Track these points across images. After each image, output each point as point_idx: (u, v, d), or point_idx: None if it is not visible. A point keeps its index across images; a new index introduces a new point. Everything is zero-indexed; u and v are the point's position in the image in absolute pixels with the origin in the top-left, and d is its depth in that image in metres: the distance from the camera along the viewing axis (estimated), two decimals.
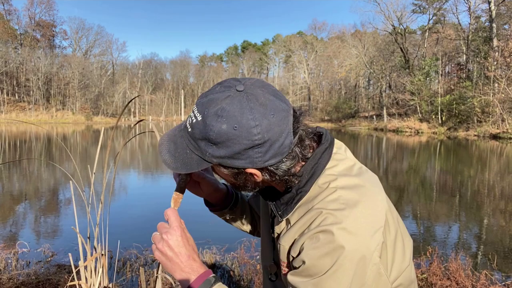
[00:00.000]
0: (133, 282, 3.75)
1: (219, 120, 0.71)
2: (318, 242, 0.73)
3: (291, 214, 0.82)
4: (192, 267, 0.80)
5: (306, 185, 0.81)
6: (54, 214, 6.75)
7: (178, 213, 0.87)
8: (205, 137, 0.73)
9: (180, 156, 0.79)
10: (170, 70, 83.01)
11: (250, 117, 0.71)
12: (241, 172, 0.78)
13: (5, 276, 3.63)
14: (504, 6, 36.42)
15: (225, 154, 0.74)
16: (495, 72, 30.87)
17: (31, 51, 60.25)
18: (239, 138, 0.71)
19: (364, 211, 0.75)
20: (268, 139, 0.73)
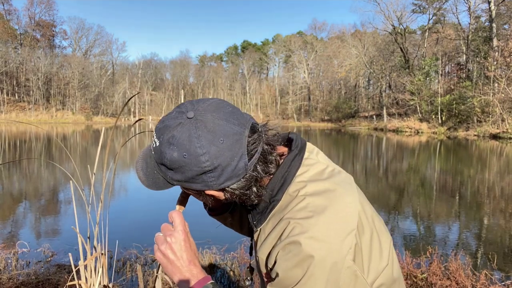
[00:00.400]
0: (133, 282, 3.74)
1: (171, 148, 0.74)
2: (289, 253, 0.73)
3: (265, 223, 0.84)
4: (192, 272, 0.81)
5: (277, 194, 0.82)
6: (54, 214, 6.75)
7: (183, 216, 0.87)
8: (162, 163, 0.78)
9: (150, 175, 0.83)
10: (170, 70, 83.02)
11: (197, 145, 0.73)
12: (202, 193, 0.82)
13: (5, 276, 3.63)
14: (504, 6, 36.43)
15: (182, 179, 0.78)
16: (495, 72, 30.88)
17: (31, 51, 60.23)
18: (189, 165, 0.74)
19: (333, 216, 0.75)
20: (219, 165, 0.74)
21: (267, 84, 76.77)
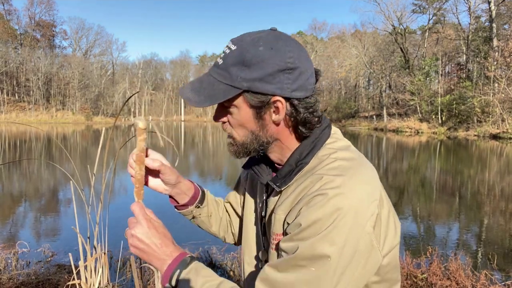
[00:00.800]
0: (133, 282, 3.74)
1: (256, 44, 0.77)
2: (317, 204, 0.74)
3: (289, 184, 0.84)
4: (166, 253, 0.83)
5: (306, 157, 0.84)
6: (54, 214, 6.75)
7: (144, 205, 0.88)
8: (240, 60, 0.77)
9: (204, 91, 0.81)
10: (170, 70, 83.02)
11: (284, 43, 0.79)
12: (266, 105, 0.80)
13: (5, 276, 3.63)
14: (504, 6, 36.43)
15: (257, 76, 0.77)
16: (495, 72, 30.87)
17: (31, 51, 60.22)
18: (273, 59, 0.76)
19: (362, 182, 0.78)
20: (298, 67, 0.78)
21: None
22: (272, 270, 0.76)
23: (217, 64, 0.82)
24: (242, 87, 0.78)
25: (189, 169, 12.82)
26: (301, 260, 0.73)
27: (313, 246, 0.72)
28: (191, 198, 1.06)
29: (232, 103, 0.81)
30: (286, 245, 0.77)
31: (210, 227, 1.16)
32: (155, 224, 0.85)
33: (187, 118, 74.68)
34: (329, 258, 0.71)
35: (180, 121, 70.66)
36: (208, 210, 1.12)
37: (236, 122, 0.84)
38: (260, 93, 0.78)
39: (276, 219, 0.85)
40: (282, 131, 0.85)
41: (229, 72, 0.78)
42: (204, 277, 0.81)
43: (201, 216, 1.11)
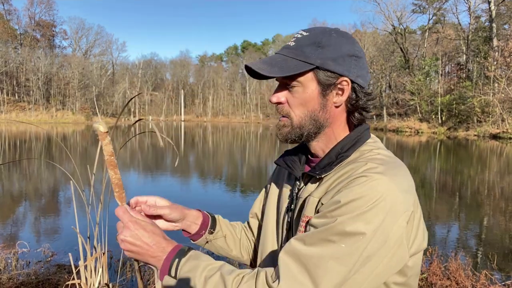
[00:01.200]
0: (133, 282, 3.74)
1: (328, 32, 0.87)
2: (359, 184, 0.75)
3: (330, 173, 0.86)
4: (159, 249, 0.83)
5: (348, 150, 0.87)
6: (54, 214, 6.75)
7: (128, 206, 0.89)
8: (315, 41, 0.85)
9: (277, 64, 0.85)
10: (170, 70, 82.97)
11: (351, 36, 0.89)
12: (333, 84, 0.86)
13: (5, 276, 3.63)
14: (504, 6, 36.43)
15: (330, 56, 0.84)
16: (495, 72, 30.87)
17: (31, 51, 60.23)
18: (345, 45, 0.85)
19: (403, 177, 0.80)
20: (362, 57, 0.88)
21: (267, 84, 76.68)
22: (299, 242, 0.75)
23: (288, 46, 0.87)
24: (316, 63, 0.83)
25: (189, 169, 12.82)
26: (332, 234, 0.72)
27: (348, 222, 0.71)
28: (201, 225, 1.07)
29: (299, 79, 0.85)
30: (318, 221, 0.77)
31: (231, 252, 1.14)
32: (142, 224, 0.85)
33: (187, 118, 74.69)
34: (361, 236, 0.71)
35: (180, 121, 70.67)
36: (222, 233, 1.11)
37: (297, 101, 0.87)
38: (330, 71, 0.84)
39: (309, 202, 0.86)
40: (338, 116, 0.90)
41: (302, 50, 0.85)
42: (205, 261, 0.81)
43: (217, 240, 1.10)
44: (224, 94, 76.63)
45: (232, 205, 7.35)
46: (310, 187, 0.89)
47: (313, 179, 0.89)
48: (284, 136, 0.91)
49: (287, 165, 0.98)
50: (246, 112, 74.83)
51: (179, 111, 77.22)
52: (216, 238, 1.10)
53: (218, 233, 1.10)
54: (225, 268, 0.80)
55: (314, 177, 0.88)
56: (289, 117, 0.89)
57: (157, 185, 10.07)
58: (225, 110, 76.34)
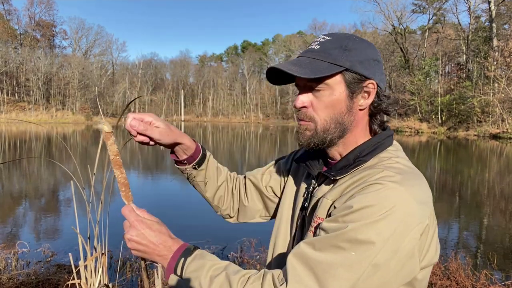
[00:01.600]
0: (133, 282, 3.74)
1: (351, 37, 0.88)
2: (372, 191, 0.74)
3: (345, 176, 0.85)
4: (166, 248, 0.84)
5: (366, 156, 0.87)
6: (54, 214, 6.75)
7: (134, 205, 0.88)
8: (341, 45, 0.86)
9: (306, 66, 0.84)
10: (170, 70, 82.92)
11: (371, 43, 0.91)
12: (361, 86, 0.86)
13: (5, 276, 3.63)
14: (504, 6, 36.43)
15: (357, 59, 0.85)
16: (495, 72, 30.87)
17: (31, 51, 60.22)
18: (368, 49, 0.88)
19: (420, 188, 0.79)
20: (382, 62, 0.91)
21: (267, 84, 76.66)
22: (308, 246, 0.75)
23: (312, 50, 0.87)
24: (345, 65, 0.84)
25: None
26: (342, 241, 0.71)
27: (359, 230, 0.71)
28: (189, 157, 1.06)
29: (327, 82, 0.85)
30: (329, 225, 0.76)
31: (205, 192, 1.16)
32: (148, 223, 0.85)
33: (187, 118, 74.69)
34: (372, 245, 0.70)
35: (180, 121, 70.68)
36: (205, 174, 1.11)
37: (323, 104, 0.87)
38: (359, 74, 0.85)
39: (322, 203, 0.85)
40: (361, 120, 0.90)
41: (330, 53, 0.85)
42: (210, 260, 0.81)
43: (196, 179, 1.11)
44: (224, 94, 76.60)
45: None
46: (324, 188, 0.89)
47: (328, 180, 0.89)
48: (307, 140, 0.89)
49: (306, 164, 0.98)
50: (246, 112, 74.82)
51: (179, 111, 77.20)
52: (196, 177, 1.10)
53: (201, 172, 1.10)
54: (231, 268, 0.80)
55: (329, 178, 0.88)
56: (313, 121, 0.88)
57: (157, 185, 10.07)
58: (225, 110, 76.32)
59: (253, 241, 4.73)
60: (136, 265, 4.07)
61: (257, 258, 4.32)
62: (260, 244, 4.70)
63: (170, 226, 0.89)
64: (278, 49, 77.93)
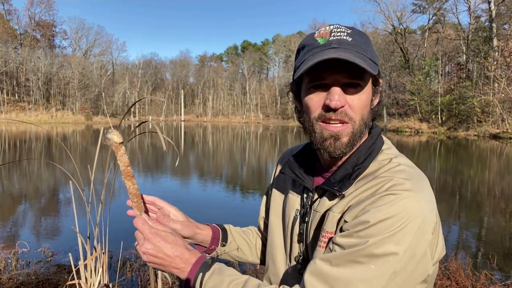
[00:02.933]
0: (133, 282, 3.74)
1: (361, 33, 0.84)
2: (386, 203, 0.72)
3: (350, 188, 0.82)
4: (182, 260, 0.82)
5: (364, 161, 0.83)
6: (54, 214, 6.75)
7: (147, 216, 0.87)
8: (366, 40, 0.82)
9: (362, 57, 0.78)
10: (170, 70, 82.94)
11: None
12: (378, 85, 0.85)
13: (5, 276, 3.63)
14: (504, 6, 36.42)
15: (376, 56, 0.83)
16: (495, 72, 30.87)
17: (31, 51, 60.22)
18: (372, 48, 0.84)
19: (427, 189, 0.78)
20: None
21: (267, 84, 76.72)
22: (325, 263, 0.73)
23: (344, 41, 0.78)
24: (378, 64, 0.82)
25: (189, 169, 12.82)
26: (361, 256, 0.70)
27: (378, 244, 0.70)
28: (212, 240, 1.06)
29: (365, 81, 0.80)
30: (345, 240, 0.74)
31: (247, 258, 1.15)
32: (162, 234, 0.83)
33: (187, 118, 74.68)
34: (391, 257, 0.70)
35: (180, 121, 70.66)
36: (236, 244, 1.11)
37: (360, 105, 0.81)
38: (379, 72, 0.83)
39: (329, 217, 0.82)
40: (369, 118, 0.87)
41: (365, 49, 0.80)
42: (229, 276, 0.80)
43: (230, 252, 1.10)
44: (224, 94, 76.61)
45: (232, 205, 7.34)
46: (327, 202, 0.85)
47: (330, 192, 0.84)
48: (344, 148, 0.81)
49: (296, 175, 0.92)
50: (246, 112, 74.82)
51: (179, 111, 77.20)
52: (229, 250, 1.10)
53: (231, 244, 1.09)
54: (250, 283, 0.78)
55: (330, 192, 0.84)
56: (352, 121, 0.80)
57: (157, 185, 10.07)
58: (225, 110, 76.34)
59: None
60: (136, 265, 4.07)
61: None
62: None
63: None
64: (278, 49, 77.96)
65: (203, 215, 5.72)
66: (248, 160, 16.02)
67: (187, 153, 17.86)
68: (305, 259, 0.91)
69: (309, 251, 0.89)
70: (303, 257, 0.91)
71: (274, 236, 1.01)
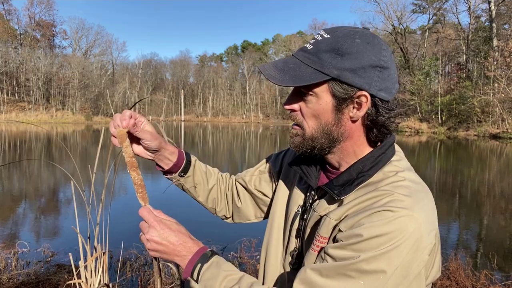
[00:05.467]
0: (133, 282, 3.74)
1: (353, 36, 0.77)
2: (382, 219, 0.71)
3: (349, 194, 0.81)
4: (185, 249, 0.84)
5: (370, 170, 0.81)
6: (54, 214, 6.75)
7: (151, 206, 0.89)
8: (334, 48, 0.76)
9: (289, 71, 0.79)
10: (170, 70, 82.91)
11: (379, 42, 0.79)
12: (349, 98, 0.78)
13: (5, 276, 3.63)
14: (504, 6, 36.42)
15: (349, 66, 0.75)
16: (495, 72, 30.87)
17: (31, 51, 60.21)
18: (369, 53, 0.76)
19: (428, 209, 0.76)
20: (389, 68, 0.78)
21: (267, 84, 76.67)
22: (315, 273, 0.73)
23: (305, 49, 0.80)
24: (332, 74, 0.76)
25: None
26: (351, 270, 0.70)
27: (370, 260, 0.69)
28: (173, 165, 1.05)
29: (313, 90, 0.79)
30: (336, 252, 0.73)
31: (197, 197, 1.15)
32: (167, 223, 0.86)
33: (187, 118, 74.67)
34: (382, 275, 0.69)
35: (180, 121, 70.66)
36: (193, 180, 1.11)
37: (311, 112, 0.81)
38: (347, 84, 0.77)
39: (325, 222, 0.81)
40: (355, 131, 0.83)
41: (319, 57, 0.77)
42: (225, 270, 0.81)
43: (185, 186, 1.11)
44: (224, 94, 76.59)
45: None
46: (326, 205, 0.85)
47: (330, 195, 0.84)
48: (297, 145, 0.86)
49: (303, 171, 0.93)
50: (246, 112, 74.81)
51: (179, 111, 77.19)
52: (185, 183, 1.10)
53: (189, 179, 1.09)
54: (244, 281, 0.79)
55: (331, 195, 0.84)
56: (302, 127, 0.84)
57: (157, 185, 10.06)
58: (225, 110, 76.33)
59: (253, 241, 4.73)
60: (136, 265, 4.07)
61: (257, 258, 4.32)
62: (260, 244, 4.69)
63: None
64: (278, 49, 77.92)
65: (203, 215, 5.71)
66: (248, 160, 16.02)
67: None
68: (300, 254, 0.92)
69: (304, 248, 0.90)
70: (297, 252, 0.93)
71: (273, 228, 1.02)
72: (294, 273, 0.84)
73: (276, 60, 0.83)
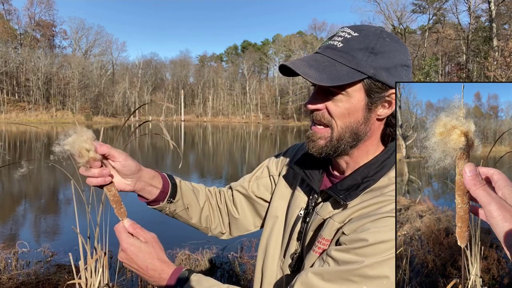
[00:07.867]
0: (133, 282, 3.74)
1: (381, 35, 0.78)
2: (388, 226, 0.71)
3: (355, 199, 0.80)
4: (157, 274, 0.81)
5: (375, 175, 0.81)
6: (54, 214, 6.75)
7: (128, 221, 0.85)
8: (367, 46, 0.77)
9: (325, 70, 0.76)
10: (170, 70, 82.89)
11: (402, 41, 0.81)
12: (382, 95, 0.78)
13: (5, 276, 3.63)
14: (504, 6, 36.43)
15: (384, 65, 0.77)
16: (495, 72, 30.88)
17: (31, 51, 60.21)
18: (399, 52, 0.79)
19: None
20: (411, 67, 0.82)
21: (267, 84, 76.71)
22: (316, 277, 0.72)
23: (333, 47, 0.78)
24: (368, 72, 0.76)
25: (190, 169, 12.82)
26: (355, 275, 0.70)
27: (374, 266, 0.69)
28: (160, 193, 0.95)
29: (346, 89, 0.77)
30: (340, 255, 0.73)
31: (190, 220, 1.06)
32: (136, 246, 0.81)
33: (187, 118, 74.67)
34: (385, 280, 0.69)
35: (180, 121, 70.67)
36: (183, 202, 1.02)
37: (340, 111, 0.79)
38: (382, 83, 0.77)
39: (329, 224, 0.81)
40: (376, 130, 0.83)
41: (353, 56, 0.76)
42: (209, 287, 0.79)
43: (176, 211, 1.01)
44: (224, 94, 76.58)
45: None
46: (330, 208, 0.84)
47: (334, 199, 0.83)
48: (319, 149, 0.82)
49: (306, 174, 0.91)
50: (246, 112, 74.82)
51: (179, 111, 77.20)
52: (176, 209, 1.00)
53: (178, 202, 1.00)
54: None
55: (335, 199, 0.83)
56: (330, 126, 0.80)
57: None
58: (225, 110, 76.32)
59: (253, 241, 4.73)
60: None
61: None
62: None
63: (169, 227, 0.89)
64: (278, 49, 77.91)
65: None
66: (248, 160, 16.02)
67: (187, 153, 17.85)
68: (300, 257, 0.90)
69: (304, 251, 0.89)
70: (298, 255, 0.91)
71: (273, 230, 1.00)
72: (292, 275, 0.83)
73: (305, 57, 0.80)
